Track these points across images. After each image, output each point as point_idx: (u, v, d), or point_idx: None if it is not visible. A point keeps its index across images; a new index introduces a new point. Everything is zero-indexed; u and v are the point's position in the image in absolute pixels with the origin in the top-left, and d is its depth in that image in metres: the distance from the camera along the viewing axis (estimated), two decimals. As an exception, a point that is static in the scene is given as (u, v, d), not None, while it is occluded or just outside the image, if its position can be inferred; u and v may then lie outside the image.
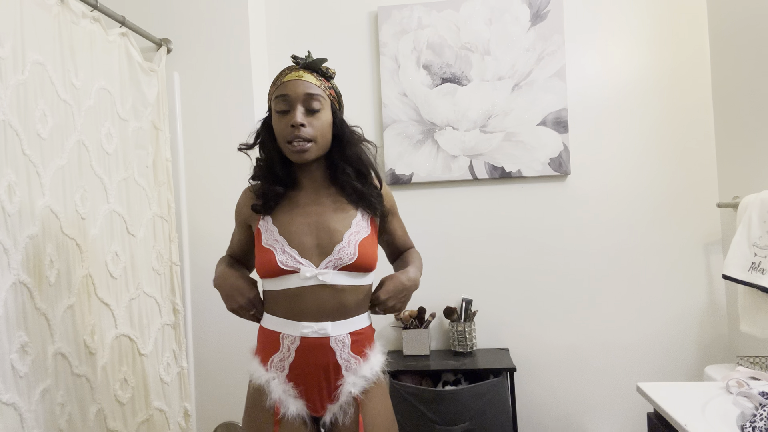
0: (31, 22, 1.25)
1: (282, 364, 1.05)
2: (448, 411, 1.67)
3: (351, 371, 1.06)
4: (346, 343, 1.05)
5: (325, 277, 1.02)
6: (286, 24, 2.16)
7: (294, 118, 1.02)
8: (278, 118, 1.06)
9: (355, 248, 1.04)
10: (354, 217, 1.09)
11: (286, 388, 1.05)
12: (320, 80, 1.07)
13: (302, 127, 1.03)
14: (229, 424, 1.88)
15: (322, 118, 1.06)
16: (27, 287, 1.17)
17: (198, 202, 1.93)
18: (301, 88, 1.03)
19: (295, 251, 1.04)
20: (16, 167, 1.17)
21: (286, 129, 1.04)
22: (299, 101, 1.03)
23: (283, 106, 1.04)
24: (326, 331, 1.03)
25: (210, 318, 1.91)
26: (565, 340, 2.03)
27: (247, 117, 1.91)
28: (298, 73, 1.05)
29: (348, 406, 1.05)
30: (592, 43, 2.03)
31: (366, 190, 1.10)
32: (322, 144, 1.07)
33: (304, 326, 1.03)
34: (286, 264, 1.03)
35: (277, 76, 1.08)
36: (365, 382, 1.06)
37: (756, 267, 1.52)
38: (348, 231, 1.06)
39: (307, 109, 1.04)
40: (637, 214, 2.01)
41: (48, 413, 1.20)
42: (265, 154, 1.13)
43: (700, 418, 0.95)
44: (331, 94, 1.09)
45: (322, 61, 1.08)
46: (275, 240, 1.05)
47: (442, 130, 2.05)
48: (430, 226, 2.08)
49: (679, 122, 1.99)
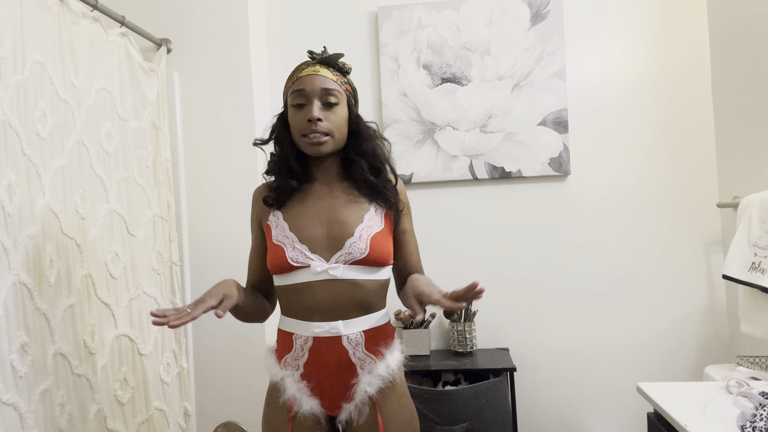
0: (31, 22, 1.24)
1: (296, 363, 1.06)
2: (448, 411, 1.67)
3: (366, 370, 1.04)
4: (359, 341, 1.04)
5: (335, 272, 1.02)
6: (286, 24, 2.16)
7: (311, 113, 1.02)
8: (294, 112, 1.05)
9: (367, 243, 1.03)
10: (367, 211, 1.08)
11: (300, 386, 1.05)
12: (336, 75, 1.07)
13: (319, 121, 1.02)
14: (229, 424, 1.88)
15: (339, 113, 1.05)
16: (27, 287, 1.17)
17: (198, 202, 1.93)
18: (318, 83, 1.03)
19: (305, 247, 1.04)
20: (16, 167, 1.17)
21: (303, 123, 1.03)
22: (316, 96, 1.03)
23: (300, 100, 1.04)
24: (338, 330, 1.02)
25: (210, 318, 1.90)
26: (565, 340, 2.03)
27: (247, 117, 1.91)
28: (314, 68, 1.05)
29: (364, 406, 1.04)
30: (592, 43, 2.03)
31: (380, 183, 1.10)
32: (339, 138, 1.07)
33: (315, 326, 1.03)
34: (296, 260, 1.02)
35: (294, 71, 1.08)
36: (381, 382, 1.04)
37: (756, 267, 1.52)
38: (360, 225, 1.05)
39: (324, 103, 1.04)
40: (637, 214, 2.01)
41: (48, 413, 1.20)
42: (281, 148, 1.12)
43: (700, 418, 0.95)
44: (347, 89, 1.09)
45: (339, 56, 1.08)
46: (285, 236, 1.05)
47: (442, 130, 2.05)
48: (430, 226, 2.08)
49: (679, 122, 1.99)
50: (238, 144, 1.91)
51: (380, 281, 1.08)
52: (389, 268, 1.11)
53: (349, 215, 1.06)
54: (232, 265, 1.87)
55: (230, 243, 1.90)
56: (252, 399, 1.88)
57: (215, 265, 1.90)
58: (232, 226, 1.90)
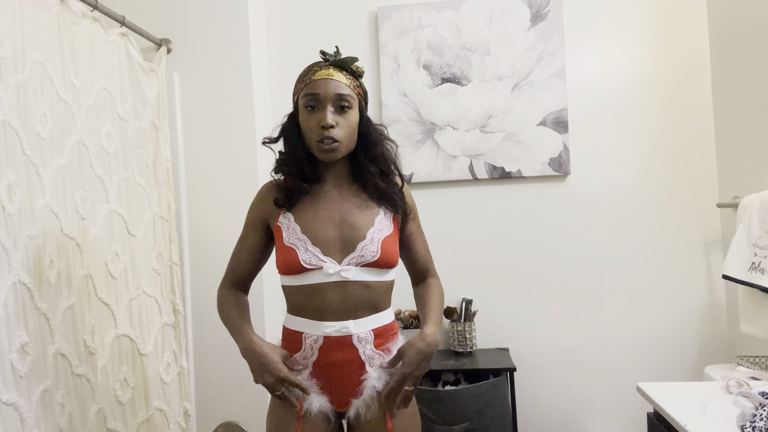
0: (31, 22, 1.25)
1: (305, 362, 1.06)
2: (448, 411, 1.67)
3: (374, 367, 1.06)
4: (369, 339, 1.06)
5: (347, 274, 1.03)
6: (286, 24, 2.16)
7: (325, 119, 1.02)
8: (307, 115, 1.05)
9: (378, 246, 1.05)
10: (377, 215, 1.09)
11: (309, 384, 1.05)
12: (350, 79, 1.06)
13: (332, 128, 1.02)
14: (229, 424, 1.88)
15: (351, 118, 1.05)
16: (27, 287, 1.17)
17: (198, 202, 1.93)
18: (332, 89, 1.03)
19: (317, 249, 1.04)
20: (16, 167, 1.17)
21: (316, 129, 1.03)
22: (329, 101, 1.03)
23: (313, 103, 1.04)
24: (349, 329, 1.04)
25: (210, 318, 1.91)
26: (565, 340, 2.03)
27: (247, 117, 1.91)
28: (328, 71, 1.04)
29: (372, 401, 1.05)
30: (592, 43, 2.03)
31: (388, 188, 1.11)
32: (350, 144, 1.07)
33: (326, 326, 1.04)
34: (309, 263, 1.03)
35: (306, 72, 1.07)
36: (389, 376, 1.06)
37: (756, 267, 1.52)
38: (371, 229, 1.07)
39: (337, 107, 1.03)
40: (637, 214, 2.01)
41: (48, 413, 1.20)
42: (291, 149, 1.12)
43: (700, 418, 0.95)
44: (359, 92, 1.09)
45: (354, 60, 1.07)
46: (297, 239, 1.05)
47: (442, 130, 2.05)
48: (430, 226, 2.07)
49: (680, 122, 1.99)
50: (238, 144, 1.91)
51: (388, 282, 1.11)
52: (395, 270, 1.13)
53: (361, 219, 1.08)
54: (232, 265, 1.87)
55: (230, 243, 1.88)
56: (252, 399, 1.88)
57: (215, 265, 1.90)
58: (233, 226, 1.90)
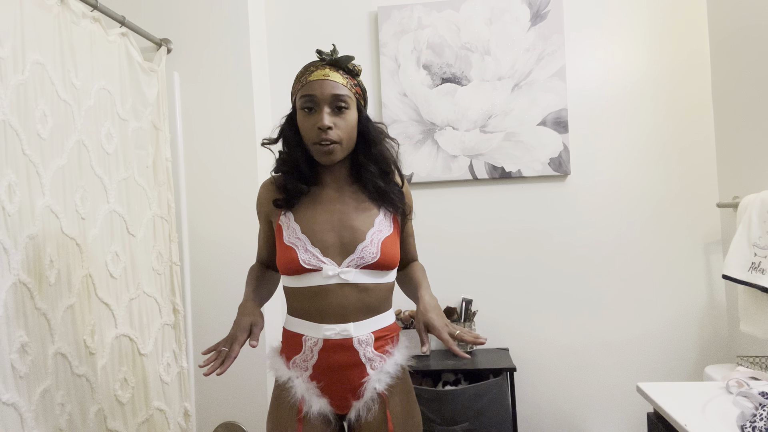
0: (31, 22, 1.24)
1: (305, 365, 1.05)
2: (448, 411, 1.67)
3: (375, 369, 1.05)
4: (369, 342, 1.05)
5: (347, 276, 1.02)
6: (286, 24, 2.16)
7: (321, 121, 1.00)
8: (304, 117, 1.04)
9: (378, 247, 1.04)
10: (377, 216, 1.08)
11: (309, 386, 1.05)
12: (347, 78, 1.05)
13: (329, 129, 1.01)
14: (229, 424, 1.88)
15: (348, 119, 1.04)
16: (27, 287, 1.17)
17: (198, 202, 1.93)
18: (328, 89, 1.01)
19: (317, 250, 1.04)
20: (16, 167, 1.17)
21: (313, 130, 1.02)
22: (326, 102, 1.01)
23: (310, 104, 1.02)
24: (349, 332, 1.03)
25: (210, 318, 1.91)
26: (565, 340, 2.03)
27: (247, 117, 1.91)
28: (324, 72, 1.02)
29: (372, 403, 1.04)
30: (592, 43, 2.03)
31: (388, 188, 1.10)
32: (348, 144, 1.06)
33: (326, 328, 1.03)
34: (308, 263, 1.02)
35: (302, 72, 1.06)
36: (390, 378, 1.05)
37: (756, 267, 1.52)
38: (371, 230, 1.06)
39: (334, 108, 1.02)
40: (637, 214, 2.01)
41: (48, 413, 1.20)
42: (289, 149, 1.11)
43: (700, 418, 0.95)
44: (357, 91, 1.07)
45: (350, 59, 1.05)
46: (297, 238, 1.05)
47: (442, 130, 2.05)
48: (430, 226, 2.08)
49: (679, 122, 1.99)
50: (238, 144, 1.91)
51: (388, 284, 1.09)
52: (395, 271, 1.12)
53: (361, 219, 1.07)
54: (232, 265, 1.87)
55: (230, 243, 1.90)
56: (252, 399, 1.88)
57: (215, 265, 1.90)
58: (233, 225, 1.90)
